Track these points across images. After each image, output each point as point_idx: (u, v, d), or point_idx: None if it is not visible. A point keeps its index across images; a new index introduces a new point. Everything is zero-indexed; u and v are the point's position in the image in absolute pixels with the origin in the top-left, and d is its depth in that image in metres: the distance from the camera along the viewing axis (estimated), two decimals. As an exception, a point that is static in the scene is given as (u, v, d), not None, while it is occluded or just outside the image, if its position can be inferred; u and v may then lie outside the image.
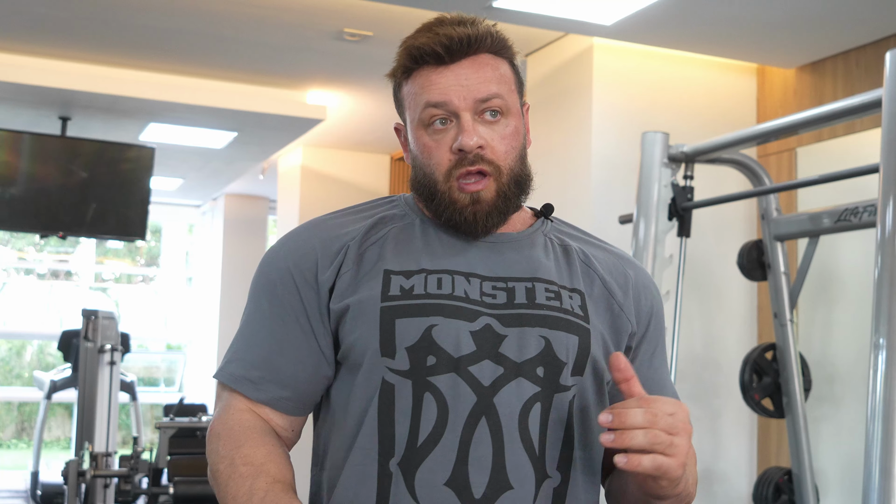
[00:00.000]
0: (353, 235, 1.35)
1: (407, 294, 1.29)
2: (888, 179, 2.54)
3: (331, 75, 5.04)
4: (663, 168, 3.43)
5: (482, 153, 1.31)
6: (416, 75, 1.34)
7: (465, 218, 1.32)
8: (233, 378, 1.35)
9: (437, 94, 1.31)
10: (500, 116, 1.33)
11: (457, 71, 1.32)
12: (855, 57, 3.93)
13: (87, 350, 4.88)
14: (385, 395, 1.26)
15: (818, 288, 3.99)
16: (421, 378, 1.25)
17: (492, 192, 1.32)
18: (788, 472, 3.63)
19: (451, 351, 1.26)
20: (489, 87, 1.32)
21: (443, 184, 1.32)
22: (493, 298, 1.31)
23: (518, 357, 1.27)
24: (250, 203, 8.75)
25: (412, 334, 1.26)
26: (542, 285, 1.34)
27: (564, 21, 3.76)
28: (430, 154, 1.33)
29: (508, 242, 1.38)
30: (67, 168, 5.61)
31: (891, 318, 2.45)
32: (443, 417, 1.24)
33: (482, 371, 1.25)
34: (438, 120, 1.32)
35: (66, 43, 4.68)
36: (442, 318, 1.27)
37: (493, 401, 1.25)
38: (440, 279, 1.31)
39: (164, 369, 10.45)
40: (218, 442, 1.31)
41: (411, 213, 1.40)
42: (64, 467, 4.22)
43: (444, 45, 1.31)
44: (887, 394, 2.41)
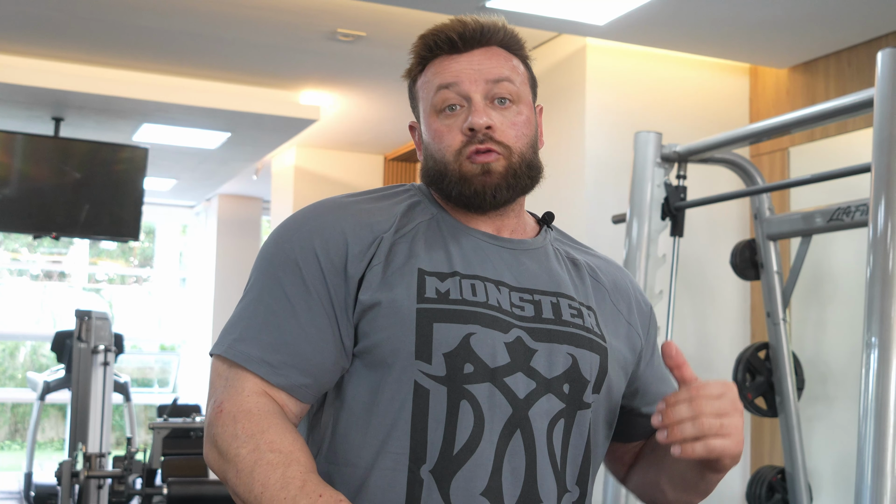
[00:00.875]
0: (385, 226, 1.32)
1: (443, 298, 1.27)
2: (879, 179, 2.55)
3: (324, 76, 5.04)
4: (656, 168, 3.44)
5: (491, 133, 1.31)
6: (430, 65, 1.36)
7: (474, 189, 1.32)
8: (248, 359, 1.26)
9: (450, 76, 1.33)
10: (510, 104, 1.34)
11: (469, 57, 1.34)
12: (847, 57, 3.94)
13: (80, 351, 4.87)
14: (419, 399, 1.24)
15: (811, 287, 4.00)
16: (458, 386, 1.24)
17: (502, 165, 1.32)
18: (782, 470, 3.64)
19: (488, 361, 1.25)
20: (500, 70, 1.34)
21: (453, 163, 1.33)
22: (522, 311, 1.31)
23: (548, 373, 1.28)
24: (244, 203, 8.75)
25: (450, 340, 1.24)
26: (566, 301, 1.35)
27: (557, 21, 3.76)
28: (442, 137, 1.34)
29: (527, 251, 1.38)
30: (61, 169, 5.60)
31: (883, 316, 2.46)
32: (479, 426, 1.23)
33: (517, 383, 1.26)
34: (450, 105, 1.33)
35: (60, 43, 4.67)
36: (479, 327, 1.26)
37: (528, 413, 1.25)
38: (473, 285, 1.30)
39: (157, 370, 10.43)
40: (235, 424, 1.23)
41: (431, 205, 1.38)
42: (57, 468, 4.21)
43: (459, 33, 1.34)
44: (880, 392, 2.42)
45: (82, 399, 4.82)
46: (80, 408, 4.83)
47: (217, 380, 1.29)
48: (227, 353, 1.27)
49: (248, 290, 1.34)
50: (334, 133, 6.31)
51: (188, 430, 4.44)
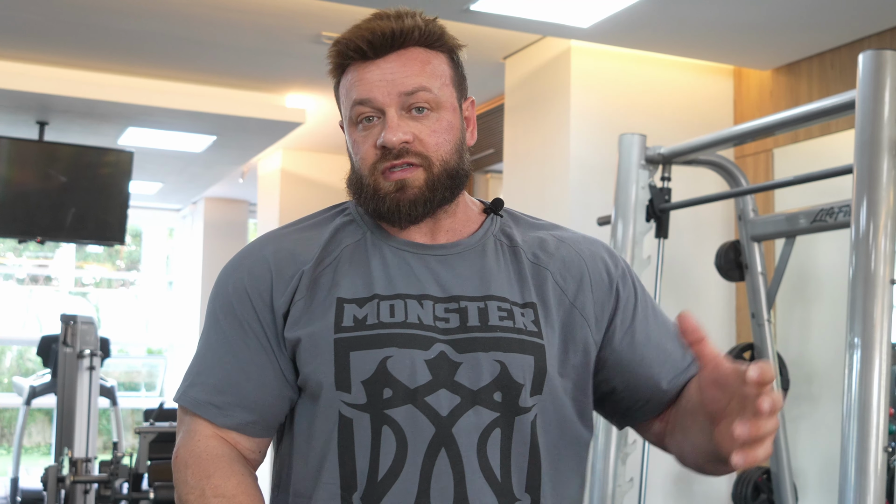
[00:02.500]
0: (307, 259, 1.32)
1: (360, 325, 1.27)
2: (861, 180, 2.57)
3: (310, 79, 5.04)
4: (641, 170, 3.45)
5: (409, 147, 1.28)
6: (347, 72, 1.33)
7: (387, 206, 1.30)
8: (196, 404, 1.31)
9: (363, 91, 1.29)
10: (428, 111, 1.30)
11: (382, 66, 1.29)
12: (830, 59, 3.96)
13: (65, 355, 4.86)
14: (344, 429, 1.25)
15: (795, 288, 4.02)
16: (378, 412, 1.24)
17: (420, 180, 1.29)
18: (767, 471, 3.65)
19: (407, 382, 1.24)
20: (415, 80, 1.29)
21: (368, 177, 1.31)
22: (446, 322, 1.28)
23: (474, 384, 1.25)
24: (230, 207, 8.74)
25: (367, 367, 1.24)
26: (495, 304, 1.31)
27: (542, 24, 3.77)
28: (359, 150, 1.32)
29: (460, 253, 1.35)
30: (46, 172, 5.58)
31: (865, 317, 2.48)
32: (402, 450, 1.23)
33: (439, 401, 1.24)
34: (366, 117, 1.30)
35: (44, 47, 4.66)
36: (396, 349, 1.25)
37: (452, 431, 1.23)
38: (392, 306, 1.28)
39: (144, 374, 10.40)
40: (186, 471, 1.28)
41: (362, 224, 1.37)
42: (43, 473, 4.20)
43: (368, 40, 1.28)
44: (862, 392, 2.44)
45: (68, 404, 4.81)
46: (65, 412, 4.82)
47: (180, 427, 1.35)
48: (181, 401, 1.33)
49: (200, 336, 1.38)
50: (320, 136, 6.31)
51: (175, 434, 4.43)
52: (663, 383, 1.37)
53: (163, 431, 4.37)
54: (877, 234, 2.51)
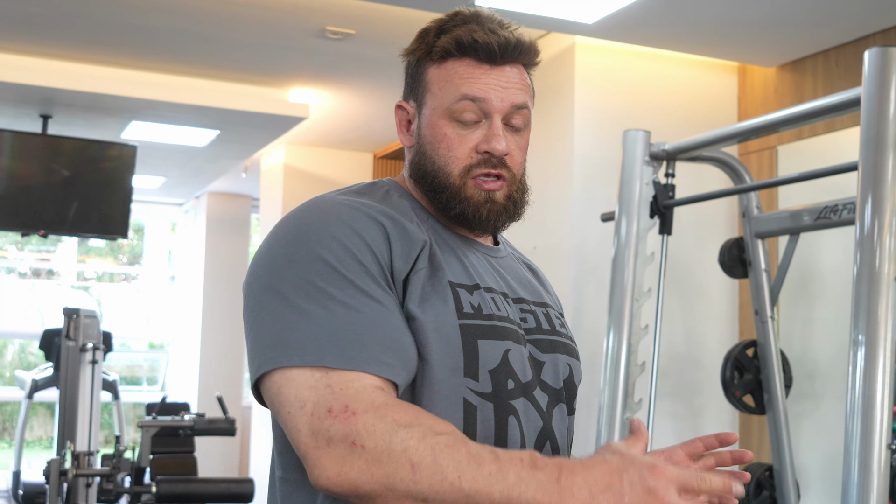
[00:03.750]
0: (420, 231, 1.27)
1: (478, 313, 1.26)
2: (866, 177, 2.57)
3: (313, 73, 5.04)
4: (645, 166, 3.45)
5: (505, 160, 1.32)
6: (454, 63, 1.31)
7: (479, 214, 1.31)
8: (366, 361, 1.13)
9: (478, 90, 1.29)
10: (521, 130, 1.35)
11: (500, 74, 1.31)
12: (835, 56, 3.95)
13: (68, 349, 4.86)
14: (468, 416, 1.22)
15: (798, 285, 4.01)
16: (503, 401, 1.25)
17: (504, 194, 1.33)
18: (769, 468, 3.65)
19: (521, 376, 1.28)
20: (524, 97, 1.33)
21: (457, 178, 1.30)
22: (525, 322, 1.34)
23: (555, 384, 1.33)
24: (233, 201, 8.73)
25: (493, 357, 1.25)
26: (552, 311, 1.40)
27: (546, 20, 3.76)
28: (451, 147, 1.30)
29: (503, 258, 1.41)
30: (49, 166, 5.58)
31: (870, 314, 2.47)
32: (523, 440, 1.26)
33: (541, 396, 1.30)
34: (469, 118, 1.30)
35: (48, 41, 4.66)
36: (512, 343, 1.28)
37: (552, 425, 1.31)
38: (493, 299, 1.30)
39: (146, 368, 10.40)
40: (385, 416, 1.09)
41: (420, 210, 1.34)
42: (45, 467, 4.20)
43: (501, 45, 1.30)
44: (866, 390, 2.43)
45: (70, 397, 4.81)
46: (68, 406, 4.82)
47: (309, 393, 1.12)
48: (334, 362, 1.13)
49: (287, 297, 1.17)
50: (323, 131, 6.30)
51: (177, 428, 4.43)
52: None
53: (165, 425, 4.37)
54: (881, 232, 2.51)
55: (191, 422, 4.40)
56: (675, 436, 4.12)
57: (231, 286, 8.62)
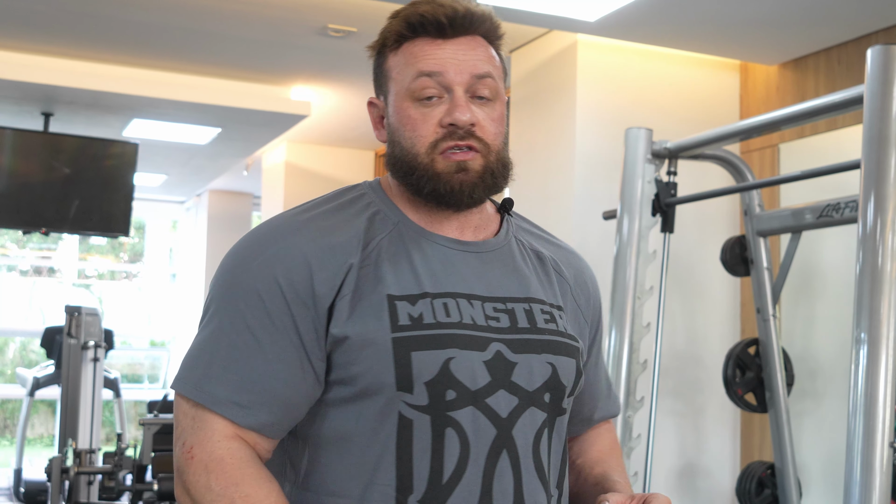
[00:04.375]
0: (350, 250, 1.26)
1: (418, 323, 1.23)
2: (869, 175, 2.56)
3: (315, 71, 5.04)
4: (647, 164, 3.44)
5: (473, 130, 1.27)
6: (409, 45, 1.30)
7: (450, 187, 1.27)
8: (216, 401, 1.21)
9: (434, 64, 1.27)
10: (489, 101, 1.29)
11: (454, 46, 1.28)
12: (836, 54, 3.95)
13: (70, 347, 4.86)
14: (403, 430, 1.21)
15: (800, 283, 4.01)
16: (441, 413, 1.21)
17: (479, 165, 1.27)
18: (771, 466, 3.65)
19: (469, 384, 1.22)
20: (485, 66, 1.29)
21: (424, 156, 1.27)
22: (497, 322, 1.28)
23: (529, 385, 1.26)
24: (234, 199, 8.74)
25: (430, 368, 1.21)
26: (538, 307, 1.32)
27: (548, 17, 3.76)
28: (415, 126, 1.27)
29: (492, 252, 1.34)
30: (50, 164, 5.58)
31: (872, 312, 2.47)
32: (465, 452, 1.22)
33: (498, 402, 1.24)
34: (427, 96, 1.27)
35: (50, 38, 4.66)
36: (457, 350, 1.23)
37: (512, 433, 1.24)
38: (446, 304, 1.25)
39: (147, 366, 10.41)
40: (208, 476, 1.19)
41: (389, 213, 1.32)
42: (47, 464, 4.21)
43: (449, 17, 1.27)
44: (869, 388, 2.43)
45: (72, 395, 4.82)
46: (69, 404, 4.83)
47: (183, 419, 1.23)
48: (193, 395, 1.22)
49: (206, 321, 1.27)
50: (325, 129, 6.30)
51: (178, 426, 4.43)
52: (595, 414, 1.50)
53: (167, 423, 4.37)
54: (884, 230, 2.50)
55: (192, 419, 4.40)
56: (676, 434, 4.13)
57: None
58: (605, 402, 1.52)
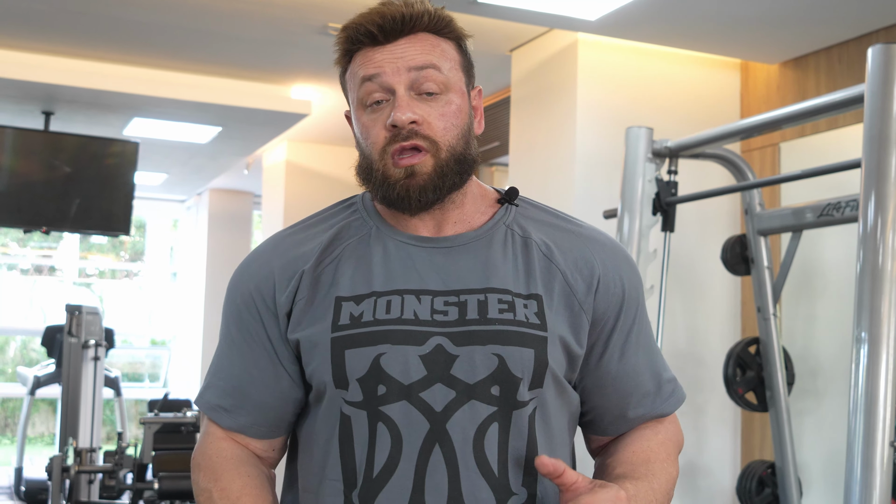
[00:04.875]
0: (308, 258, 1.33)
1: (356, 322, 1.27)
2: (870, 174, 2.57)
3: (315, 70, 5.04)
4: (647, 163, 3.44)
5: (417, 129, 1.27)
6: (355, 57, 1.32)
7: (398, 193, 1.28)
8: (209, 406, 1.37)
9: (372, 68, 1.29)
10: (437, 94, 1.29)
11: (394, 48, 1.29)
12: (837, 53, 3.95)
13: (70, 345, 4.87)
14: (344, 426, 1.27)
15: (801, 282, 4.02)
16: (374, 408, 1.24)
17: (428, 166, 1.28)
18: (772, 465, 3.65)
19: (401, 378, 1.24)
20: (425, 58, 1.29)
21: (378, 161, 1.29)
22: (445, 315, 1.27)
23: (470, 378, 1.25)
24: (235, 198, 8.74)
25: (361, 365, 1.25)
26: (496, 296, 1.29)
27: (549, 16, 3.76)
28: (368, 132, 1.30)
29: (465, 245, 1.33)
30: (51, 163, 5.59)
31: (873, 311, 2.47)
32: (397, 447, 1.23)
33: (434, 396, 1.24)
34: (375, 101, 1.29)
35: (50, 37, 4.66)
36: (389, 346, 1.25)
37: (446, 427, 1.23)
38: (389, 301, 1.27)
39: (148, 365, 10.42)
40: (199, 473, 1.34)
41: (368, 220, 1.36)
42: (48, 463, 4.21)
43: (378, 24, 1.29)
44: (869, 387, 2.43)
45: (73, 394, 4.82)
46: (70, 403, 4.83)
47: (201, 427, 1.45)
48: (198, 402, 1.39)
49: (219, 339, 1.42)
50: (325, 128, 6.31)
51: (179, 424, 4.44)
52: (629, 412, 1.40)
53: (167, 422, 4.37)
54: (885, 229, 2.50)
55: (193, 418, 4.40)
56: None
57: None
58: (645, 399, 1.40)
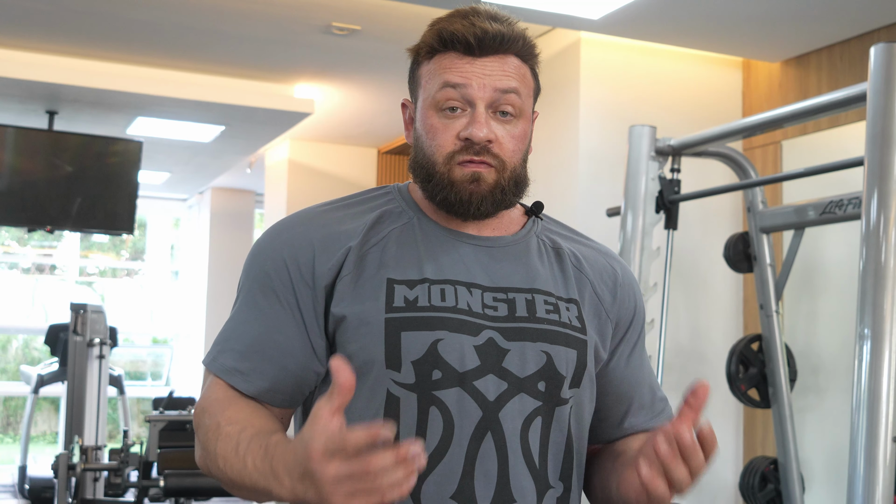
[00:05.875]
0: (354, 235, 1.33)
1: (412, 306, 1.28)
2: (872, 172, 2.59)
3: (319, 69, 5.06)
4: (650, 161, 3.46)
5: (490, 147, 1.31)
6: (440, 57, 1.33)
7: (460, 197, 1.31)
8: (224, 370, 1.32)
9: (459, 77, 1.31)
10: (511, 117, 1.33)
11: (483, 64, 1.31)
12: (839, 51, 3.97)
13: (76, 344, 4.89)
14: (391, 407, 1.26)
15: (803, 279, 4.03)
16: (426, 392, 1.26)
17: (492, 178, 1.32)
18: (774, 461, 3.67)
19: (457, 366, 1.26)
20: (511, 82, 1.32)
21: (442, 165, 1.32)
22: (495, 311, 1.31)
23: (521, 372, 1.29)
24: (237, 196, 8.76)
25: (418, 348, 1.26)
26: (542, 297, 1.34)
27: (552, 15, 3.78)
28: (436, 135, 1.32)
29: (505, 248, 1.38)
30: (54, 162, 5.61)
31: (875, 308, 2.49)
32: (449, 431, 1.25)
33: (486, 386, 1.27)
34: (451, 106, 1.31)
35: (54, 37, 4.68)
36: (447, 332, 1.27)
37: (499, 416, 1.27)
38: (443, 290, 1.30)
39: (150, 363, 10.43)
40: (203, 415, 1.29)
41: (408, 210, 1.39)
42: (54, 461, 4.23)
43: (478, 37, 1.30)
44: (872, 383, 2.45)
45: (78, 392, 4.85)
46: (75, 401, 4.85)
47: (203, 386, 1.36)
48: (211, 367, 1.34)
49: (234, 304, 1.39)
50: (328, 126, 6.32)
51: (184, 422, 4.46)
52: (625, 421, 1.45)
53: (173, 420, 4.39)
54: (887, 226, 2.53)
55: (198, 416, 4.42)
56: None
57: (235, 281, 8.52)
58: (641, 411, 1.45)
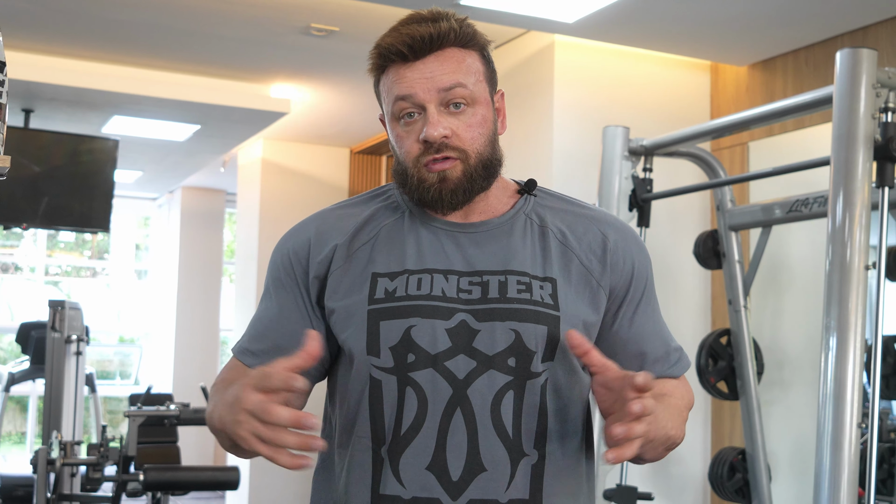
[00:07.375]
0: (343, 234, 1.49)
1: (390, 296, 1.42)
2: (838, 172, 2.70)
3: (296, 69, 5.11)
4: (624, 161, 3.57)
5: (448, 142, 1.42)
6: (388, 71, 1.45)
7: (431, 195, 1.44)
8: (239, 349, 1.51)
9: (404, 88, 1.42)
10: (465, 107, 1.43)
11: (422, 66, 1.42)
12: (804, 55, 4.09)
13: (53, 340, 4.91)
14: (374, 389, 1.41)
15: (770, 276, 4.15)
16: (403, 374, 1.40)
17: (458, 172, 1.43)
18: (742, 451, 3.77)
19: (429, 348, 1.40)
20: (452, 77, 1.42)
21: (412, 168, 1.44)
22: (469, 294, 1.43)
23: (490, 350, 1.41)
24: (207, 196, 8.77)
25: (394, 335, 1.40)
26: (515, 277, 1.45)
27: (527, 18, 3.87)
28: (402, 143, 1.45)
29: (488, 231, 1.49)
30: (29, 160, 5.61)
31: (841, 301, 2.61)
32: (423, 409, 1.39)
33: (457, 365, 1.40)
34: (407, 113, 1.43)
35: (31, 35, 4.69)
36: (419, 319, 1.41)
37: (467, 392, 1.39)
38: (420, 279, 1.43)
39: (117, 362, 10.40)
40: (214, 392, 1.44)
41: (403, 205, 1.52)
42: (33, 456, 4.25)
43: (408, 45, 1.41)
44: (838, 371, 2.57)
45: (56, 388, 4.86)
46: (53, 396, 4.87)
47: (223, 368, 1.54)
48: (233, 349, 1.54)
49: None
50: (301, 126, 6.37)
51: (162, 417, 4.50)
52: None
53: (151, 415, 4.44)
54: (852, 225, 2.64)
55: (177, 411, 4.47)
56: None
57: (206, 279, 8.65)
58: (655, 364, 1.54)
